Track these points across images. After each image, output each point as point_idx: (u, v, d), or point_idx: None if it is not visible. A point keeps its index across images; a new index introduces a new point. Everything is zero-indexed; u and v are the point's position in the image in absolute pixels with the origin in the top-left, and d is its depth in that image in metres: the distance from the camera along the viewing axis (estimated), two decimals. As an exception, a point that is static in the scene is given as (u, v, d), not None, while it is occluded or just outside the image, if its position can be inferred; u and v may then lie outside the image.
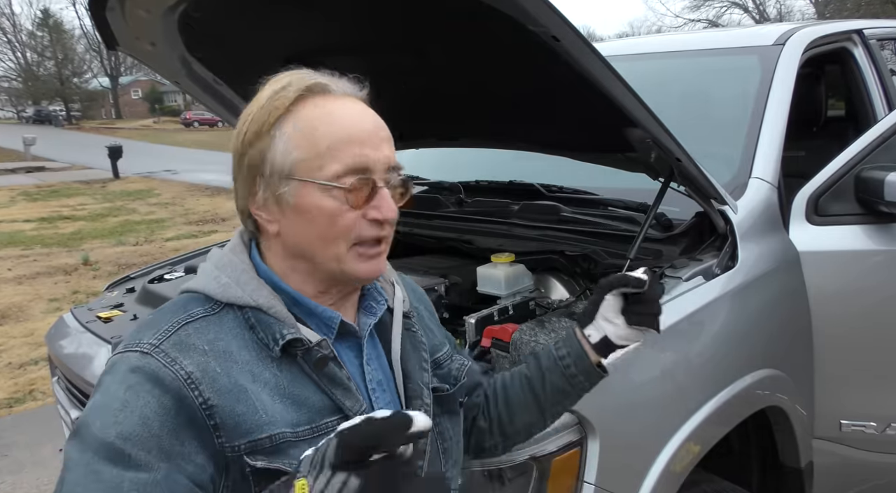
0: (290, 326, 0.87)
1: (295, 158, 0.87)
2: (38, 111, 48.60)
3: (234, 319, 0.88)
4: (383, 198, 0.89)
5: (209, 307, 0.88)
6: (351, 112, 0.90)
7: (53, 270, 7.92)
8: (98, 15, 1.79)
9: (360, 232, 0.88)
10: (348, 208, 0.86)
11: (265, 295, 0.88)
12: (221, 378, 0.82)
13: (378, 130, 0.90)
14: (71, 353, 1.97)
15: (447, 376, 1.08)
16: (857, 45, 2.61)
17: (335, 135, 0.87)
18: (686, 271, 1.71)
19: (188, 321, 0.86)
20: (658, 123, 1.47)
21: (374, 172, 0.88)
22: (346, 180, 0.86)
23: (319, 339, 0.89)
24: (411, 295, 1.12)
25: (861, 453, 2.10)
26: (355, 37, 1.83)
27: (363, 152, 0.87)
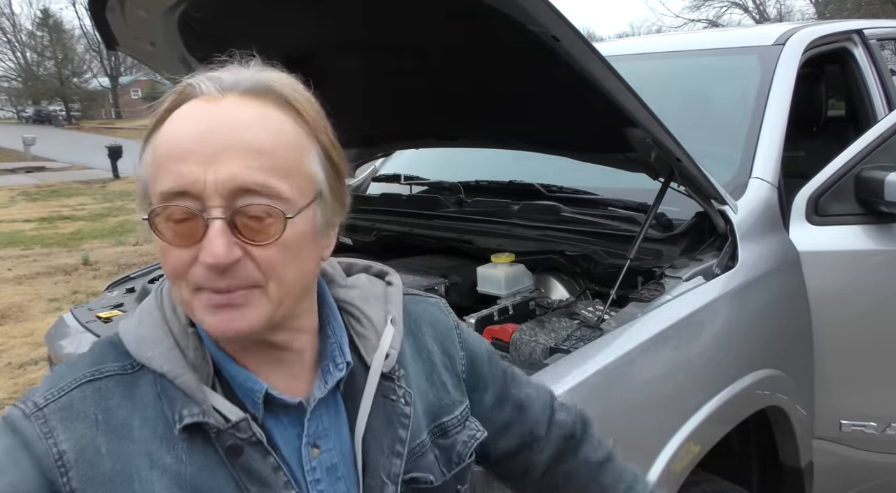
0: (198, 401, 0.69)
1: (144, 179, 0.71)
2: (38, 111, 48.58)
3: (149, 383, 0.71)
4: (210, 236, 0.65)
5: (126, 365, 0.72)
6: (190, 119, 0.68)
7: (53, 270, 7.92)
8: (98, 15, 1.79)
9: (196, 277, 0.67)
10: (171, 246, 0.67)
11: (174, 359, 0.71)
12: (103, 462, 0.67)
13: (222, 138, 0.66)
14: (71, 353, 1.97)
15: (450, 450, 0.85)
16: (857, 45, 2.61)
17: (164, 149, 0.68)
18: (686, 271, 1.71)
19: (92, 379, 0.70)
20: (658, 123, 1.47)
21: (201, 196, 0.65)
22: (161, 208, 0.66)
23: (238, 418, 0.70)
24: (426, 331, 0.88)
25: (861, 453, 2.10)
26: (355, 36, 1.83)
27: (181, 169, 0.65)
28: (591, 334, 1.53)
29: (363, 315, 0.82)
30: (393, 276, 0.89)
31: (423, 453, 0.81)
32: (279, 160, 0.68)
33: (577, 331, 1.57)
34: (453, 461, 0.85)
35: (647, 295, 1.65)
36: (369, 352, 0.80)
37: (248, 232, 0.66)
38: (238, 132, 0.67)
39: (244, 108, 0.69)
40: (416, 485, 0.80)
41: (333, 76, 2.08)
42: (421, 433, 0.82)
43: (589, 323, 1.60)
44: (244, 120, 0.68)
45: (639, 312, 1.59)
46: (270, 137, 0.68)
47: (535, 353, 1.55)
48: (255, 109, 0.69)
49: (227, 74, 0.71)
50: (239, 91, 0.70)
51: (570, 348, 1.49)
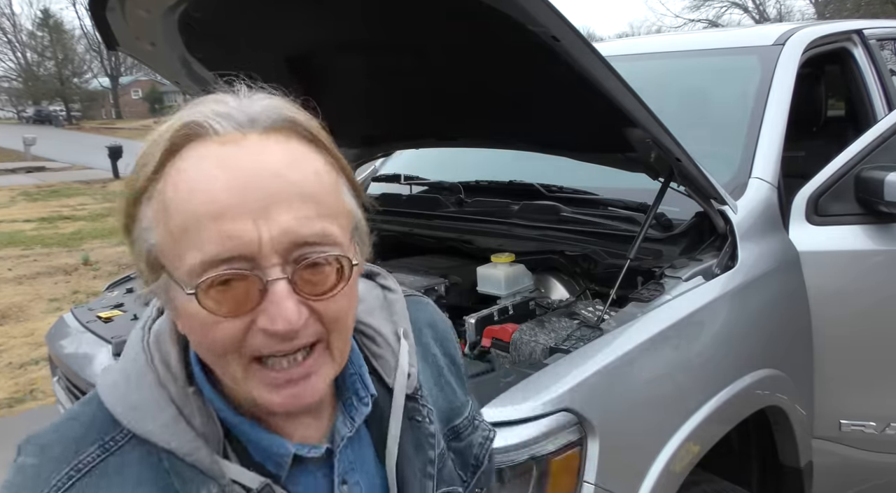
0: (215, 478, 0.61)
1: (153, 243, 0.60)
2: (38, 111, 48.58)
3: (144, 458, 0.62)
4: (274, 300, 0.57)
5: (109, 441, 0.62)
6: (218, 167, 0.57)
7: (53, 270, 7.92)
8: (98, 15, 1.79)
9: (253, 346, 0.59)
10: (221, 319, 0.57)
11: (181, 433, 0.62)
12: None
13: (266, 186, 0.57)
14: (71, 353, 1.97)
15: (466, 452, 0.81)
16: (856, 45, 2.61)
17: (191, 210, 0.57)
18: (686, 271, 1.71)
19: (73, 479, 0.60)
20: (658, 123, 1.48)
21: (256, 257, 0.56)
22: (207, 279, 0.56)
23: (261, 485, 0.63)
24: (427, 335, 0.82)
25: (861, 453, 2.10)
26: (355, 36, 1.83)
27: (228, 230, 0.56)
28: (591, 334, 1.53)
29: (376, 333, 0.75)
30: (387, 278, 0.82)
31: (444, 463, 0.78)
32: (327, 204, 0.60)
33: (577, 331, 1.57)
34: (470, 464, 0.82)
35: (647, 295, 1.65)
36: (389, 373, 0.74)
37: (310, 287, 0.59)
38: (282, 179, 0.58)
39: (274, 148, 0.59)
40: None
41: (333, 76, 2.08)
42: (440, 443, 0.77)
43: (589, 323, 1.60)
44: (282, 163, 0.59)
45: (639, 312, 1.59)
46: (311, 179, 0.60)
47: (535, 353, 1.55)
48: (286, 150, 0.60)
49: (236, 109, 0.60)
50: (259, 129, 0.60)
51: (570, 348, 1.49)
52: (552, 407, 1.32)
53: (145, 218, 0.60)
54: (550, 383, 1.36)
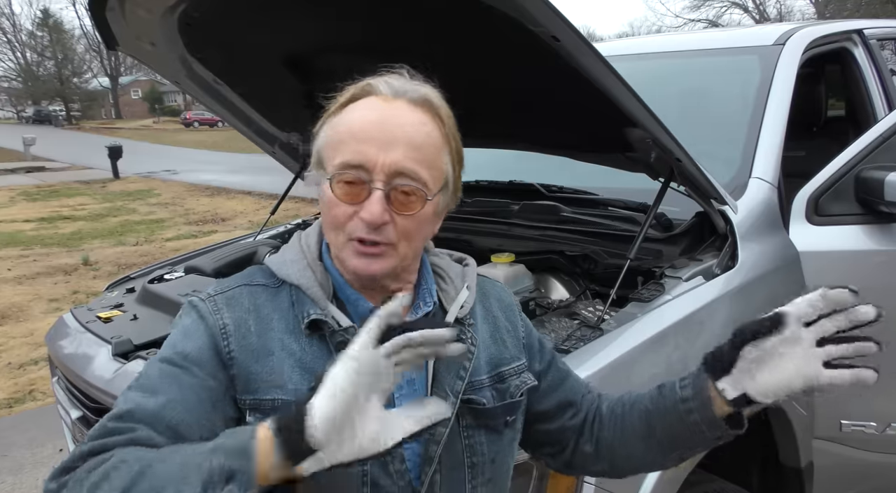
0: (321, 307, 0.94)
1: (322, 147, 0.94)
2: (37, 111, 48.60)
3: (287, 295, 0.96)
4: (371, 200, 0.88)
5: (271, 281, 0.98)
6: (373, 111, 0.91)
7: (53, 270, 7.92)
8: (98, 15, 1.79)
9: (352, 227, 0.90)
10: (341, 202, 0.90)
11: (307, 276, 0.96)
12: (251, 337, 0.92)
13: (393, 132, 0.89)
14: (71, 353, 1.97)
15: (505, 391, 1.03)
16: (857, 45, 2.61)
17: (348, 130, 0.91)
18: (686, 271, 1.71)
19: (246, 284, 0.97)
20: (658, 123, 1.48)
21: (372, 171, 0.88)
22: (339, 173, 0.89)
23: (348, 325, 0.93)
24: (494, 303, 1.10)
25: (861, 453, 2.10)
26: (354, 37, 1.83)
27: (361, 149, 0.88)
28: (591, 334, 1.53)
29: (447, 277, 1.05)
30: (469, 260, 1.13)
31: (481, 388, 1.01)
32: (427, 156, 0.91)
33: (577, 331, 1.57)
34: (506, 397, 1.03)
35: (647, 295, 1.65)
36: (449, 302, 1.02)
37: (397, 205, 0.89)
38: (405, 130, 0.90)
39: (409, 112, 0.92)
40: (471, 404, 0.99)
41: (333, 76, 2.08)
42: (481, 373, 1.01)
43: (589, 323, 1.60)
44: (409, 121, 0.91)
45: (639, 312, 1.59)
46: (423, 137, 0.91)
47: (535, 353, 1.55)
48: (416, 114, 0.92)
49: (399, 83, 0.94)
50: (407, 98, 0.93)
51: (570, 348, 1.49)
52: (552, 407, 1.31)
53: (323, 133, 0.94)
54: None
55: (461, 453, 0.98)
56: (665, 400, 1.03)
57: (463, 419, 0.98)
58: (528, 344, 1.12)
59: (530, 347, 1.12)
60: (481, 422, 1.00)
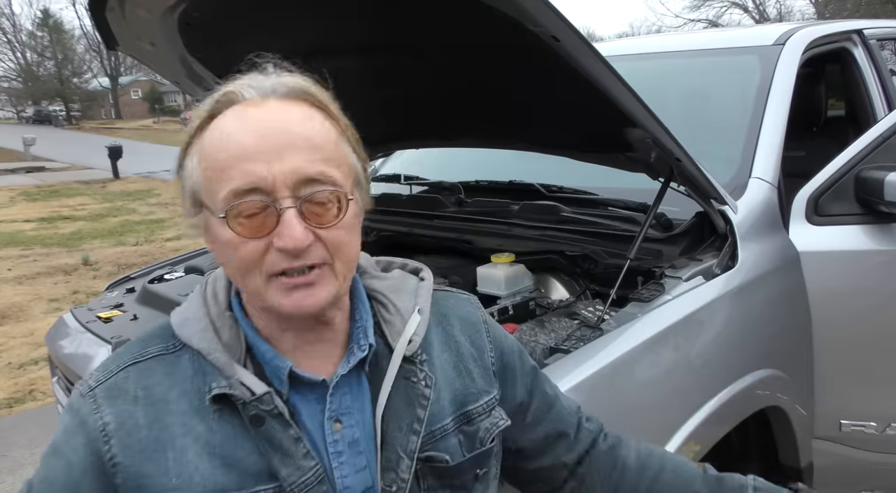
0: (226, 376, 0.77)
1: (195, 183, 0.77)
2: (38, 111, 48.57)
3: (189, 360, 0.80)
4: (285, 224, 0.73)
5: (170, 345, 0.82)
6: (244, 121, 0.75)
7: (53, 270, 7.92)
8: (98, 15, 1.79)
9: (271, 262, 0.75)
10: (246, 239, 0.74)
11: (208, 339, 0.80)
12: (140, 431, 0.76)
13: (279, 136, 0.73)
14: (71, 353, 1.97)
15: (474, 436, 0.88)
16: (857, 45, 2.61)
17: (222, 152, 0.74)
18: (686, 271, 1.71)
19: (136, 362, 0.81)
20: (658, 123, 1.47)
21: (272, 190, 0.73)
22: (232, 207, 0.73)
23: (262, 391, 0.77)
24: (455, 325, 0.93)
25: (861, 453, 2.10)
26: (355, 37, 1.83)
27: (248, 169, 0.72)
28: (591, 334, 1.53)
29: (390, 303, 0.88)
30: (426, 272, 0.96)
31: (445, 436, 0.86)
32: (329, 152, 0.77)
33: (577, 331, 1.57)
34: (475, 446, 0.88)
35: (647, 295, 1.65)
36: (394, 337, 0.86)
37: (315, 218, 0.75)
38: (292, 131, 0.74)
39: (288, 109, 0.76)
40: (432, 463, 0.84)
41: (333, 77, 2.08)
42: (444, 417, 0.86)
43: (589, 323, 1.60)
44: (293, 120, 0.76)
45: (639, 312, 1.59)
46: (317, 133, 0.76)
47: (535, 353, 1.55)
48: (297, 110, 0.77)
49: (262, 81, 0.79)
50: (278, 96, 0.77)
51: (570, 348, 1.49)
52: (552, 407, 1.31)
53: (189, 166, 0.78)
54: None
55: None
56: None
57: (423, 481, 0.83)
58: (501, 369, 0.95)
59: (505, 371, 0.96)
60: (446, 482, 0.85)
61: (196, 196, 0.78)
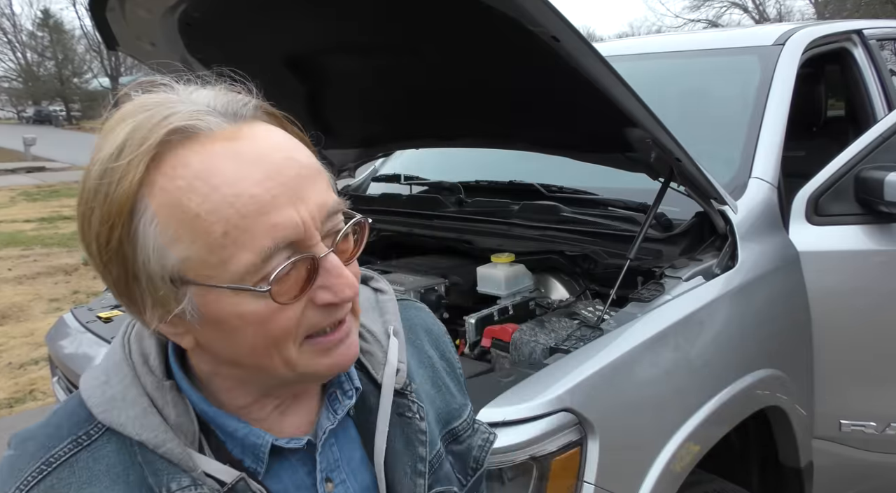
0: (187, 470, 0.61)
1: (178, 258, 0.56)
2: (38, 111, 48.58)
3: (116, 451, 0.62)
4: (332, 272, 0.59)
5: (83, 435, 0.62)
6: (237, 160, 0.56)
7: (53, 270, 7.92)
8: (98, 15, 1.79)
9: (310, 324, 0.60)
10: (289, 304, 0.58)
11: (153, 426, 0.61)
12: None
13: (284, 168, 0.57)
14: (71, 353, 1.97)
15: (465, 455, 0.80)
16: (856, 45, 2.61)
17: (230, 209, 0.55)
18: (686, 271, 1.71)
19: (42, 476, 0.60)
20: (658, 123, 1.48)
21: (308, 239, 0.58)
22: (268, 272, 0.56)
23: (234, 479, 0.62)
24: (423, 338, 0.83)
25: (861, 453, 2.10)
26: (355, 37, 1.83)
27: (281, 220, 0.56)
28: (591, 334, 1.53)
29: (364, 330, 0.75)
30: (379, 281, 0.83)
31: (441, 464, 0.77)
32: (321, 170, 0.62)
33: (577, 331, 1.57)
34: (469, 467, 0.81)
35: (647, 295, 1.65)
36: (377, 369, 0.73)
37: (343, 255, 0.62)
38: (296, 161, 0.59)
39: (271, 135, 0.60)
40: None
41: (333, 77, 2.08)
42: (436, 444, 0.77)
43: (589, 323, 1.60)
44: (287, 148, 0.60)
45: (639, 312, 1.59)
46: (311, 157, 0.62)
47: (535, 353, 1.55)
48: (278, 134, 0.61)
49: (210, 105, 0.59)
50: (243, 120, 0.60)
51: (570, 348, 1.49)
52: (552, 407, 1.32)
53: (149, 236, 0.56)
54: (550, 383, 1.36)
55: None
56: None
57: None
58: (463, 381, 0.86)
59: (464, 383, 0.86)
60: None
61: (177, 275, 0.57)
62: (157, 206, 0.56)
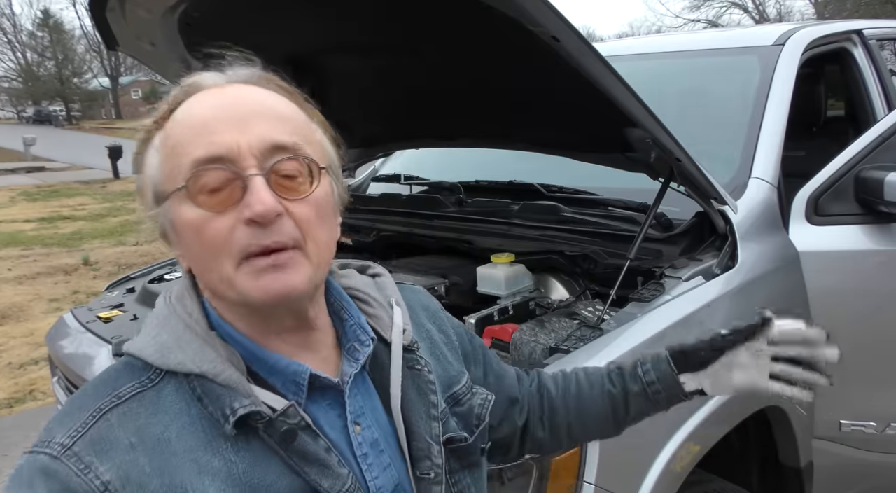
0: (245, 395, 0.69)
1: (157, 173, 0.71)
2: (38, 111, 48.58)
3: (176, 390, 0.70)
4: (253, 190, 0.66)
5: (145, 379, 0.70)
6: (211, 97, 0.71)
7: (53, 270, 7.92)
8: (98, 15, 1.79)
9: (241, 244, 0.67)
10: (211, 215, 0.67)
11: (210, 358, 0.70)
12: (152, 482, 0.65)
13: (246, 107, 0.70)
14: (71, 353, 1.97)
15: (468, 415, 0.89)
16: (856, 45, 2.61)
17: (184, 129, 0.70)
18: (686, 271, 1.71)
19: (113, 406, 0.68)
20: (658, 123, 1.48)
21: (236, 158, 0.67)
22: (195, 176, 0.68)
23: (286, 405, 0.70)
24: (421, 314, 0.92)
25: (861, 453, 2.10)
26: (355, 37, 1.83)
27: (213, 139, 0.67)
28: (591, 334, 1.53)
29: (370, 298, 0.85)
30: (376, 268, 0.93)
31: (447, 419, 0.85)
32: (299, 127, 0.73)
33: (577, 331, 1.57)
34: (472, 424, 0.89)
35: (647, 295, 1.65)
36: (385, 330, 0.83)
37: (283, 190, 0.69)
38: (261, 103, 0.71)
39: (254, 89, 0.73)
40: (453, 445, 0.84)
41: (333, 76, 2.08)
42: (441, 402, 0.85)
43: (589, 323, 1.60)
44: (258, 96, 0.72)
45: (639, 312, 1.59)
46: (286, 108, 0.73)
47: (535, 353, 1.55)
48: (264, 91, 0.74)
49: (223, 72, 0.75)
50: (241, 81, 0.74)
51: (570, 348, 1.49)
52: (552, 407, 1.31)
53: (150, 164, 0.72)
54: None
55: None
56: (630, 385, 1.05)
57: (448, 464, 0.83)
58: (462, 349, 0.96)
59: (465, 352, 0.96)
60: (464, 462, 0.86)
61: (157, 188, 0.71)
62: (157, 139, 0.72)
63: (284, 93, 0.75)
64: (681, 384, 1.04)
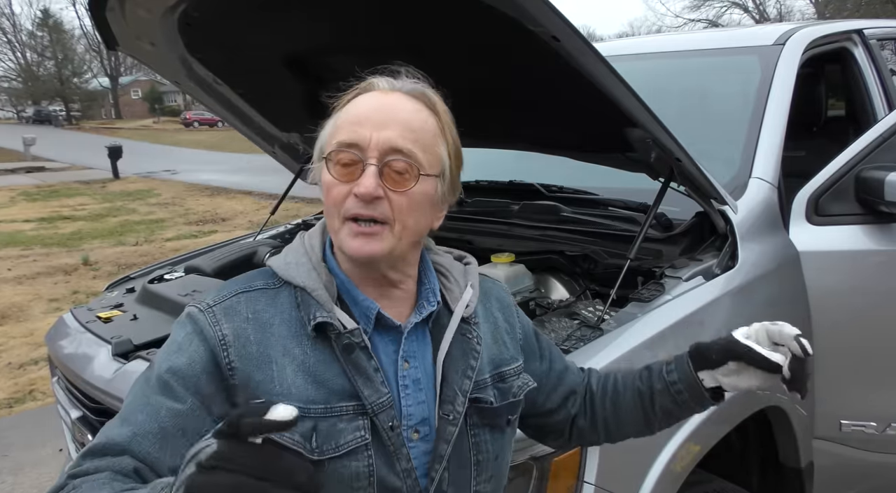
0: (327, 310, 0.94)
1: (323, 139, 0.97)
2: (38, 111, 48.59)
3: (288, 296, 0.97)
4: (366, 174, 0.90)
5: (270, 282, 0.98)
6: (371, 99, 0.96)
7: (53, 270, 7.92)
8: (98, 15, 1.79)
9: (347, 207, 0.91)
10: (337, 181, 0.92)
11: (313, 278, 0.96)
12: (251, 346, 0.92)
13: (388, 113, 0.93)
14: (71, 353, 1.97)
15: (507, 391, 1.07)
16: (857, 45, 2.61)
17: (346, 117, 0.94)
18: (686, 271, 1.71)
19: (244, 291, 0.97)
20: (658, 123, 1.48)
21: (365, 149, 0.91)
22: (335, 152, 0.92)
23: (353, 327, 0.94)
24: (493, 303, 1.12)
25: (861, 453, 2.10)
26: (354, 37, 1.83)
27: (356, 130, 0.92)
28: (591, 334, 1.53)
29: (451, 275, 1.06)
30: (470, 258, 1.12)
31: (485, 387, 1.03)
32: (422, 138, 0.93)
33: (577, 331, 1.57)
34: (508, 397, 1.06)
35: (647, 295, 1.65)
36: (453, 301, 1.03)
37: (390, 181, 0.91)
38: (400, 113, 0.93)
39: (406, 101, 0.95)
40: (479, 403, 1.02)
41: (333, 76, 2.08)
42: (484, 372, 1.04)
43: (589, 323, 1.60)
44: (405, 108, 0.94)
45: (639, 312, 1.59)
46: (418, 122, 0.94)
47: (535, 353, 1.55)
48: (411, 103, 0.95)
49: (395, 80, 0.98)
50: (404, 91, 0.97)
51: (570, 348, 1.49)
52: (552, 407, 1.31)
53: (326, 129, 0.97)
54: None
55: (468, 451, 1.01)
56: (656, 383, 1.15)
57: (469, 418, 1.01)
58: (526, 345, 1.15)
59: (530, 347, 1.16)
60: (486, 421, 1.03)
61: (321, 148, 0.96)
62: (336, 115, 0.97)
63: (430, 110, 0.97)
64: (700, 381, 1.12)
